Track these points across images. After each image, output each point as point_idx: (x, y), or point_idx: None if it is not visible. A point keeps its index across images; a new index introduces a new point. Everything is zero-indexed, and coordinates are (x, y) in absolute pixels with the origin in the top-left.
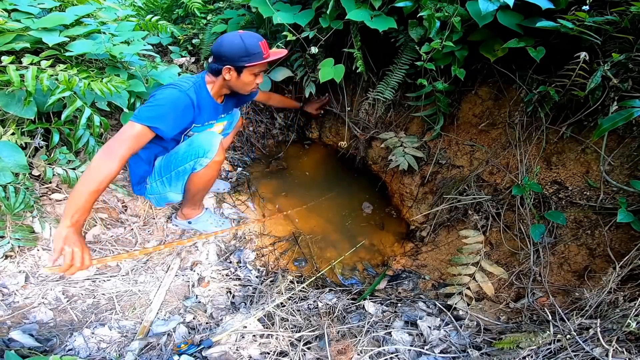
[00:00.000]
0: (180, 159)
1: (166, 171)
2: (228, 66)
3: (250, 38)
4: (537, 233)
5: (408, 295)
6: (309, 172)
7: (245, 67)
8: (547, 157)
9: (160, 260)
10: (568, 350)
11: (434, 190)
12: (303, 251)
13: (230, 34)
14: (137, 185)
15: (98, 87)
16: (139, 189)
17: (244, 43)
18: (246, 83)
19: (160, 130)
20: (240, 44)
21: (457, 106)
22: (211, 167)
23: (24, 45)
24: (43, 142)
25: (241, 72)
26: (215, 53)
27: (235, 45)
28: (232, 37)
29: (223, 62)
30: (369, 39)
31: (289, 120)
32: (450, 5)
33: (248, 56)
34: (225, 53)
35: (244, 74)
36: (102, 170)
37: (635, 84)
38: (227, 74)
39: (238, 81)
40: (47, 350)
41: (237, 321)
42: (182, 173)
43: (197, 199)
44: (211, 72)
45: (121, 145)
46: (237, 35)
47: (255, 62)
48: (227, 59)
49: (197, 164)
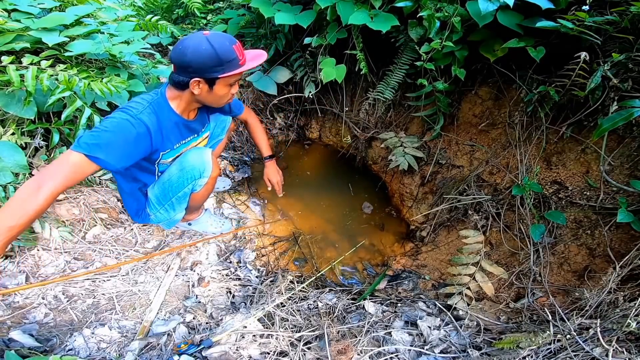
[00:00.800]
0: (176, 185)
1: (165, 199)
2: (197, 78)
3: (222, 42)
4: (537, 233)
5: (408, 295)
6: (310, 172)
7: (219, 79)
8: (547, 157)
9: (160, 260)
10: (568, 350)
11: (434, 190)
12: (303, 251)
13: (194, 37)
14: (136, 216)
15: (98, 87)
16: (141, 219)
17: (215, 49)
18: (220, 96)
19: (101, 161)
20: (209, 50)
21: (457, 106)
22: (209, 183)
23: (24, 45)
24: (43, 142)
25: (213, 84)
26: (177, 62)
27: (203, 53)
28: (197, 41)
29: (189, 74)
30: (369, 39)
31: (289, 120)
32: (450, 5)
33: (221, 65)
34: (191, 63)
35: (217, 86)
36: (25, 206)
37: (635, 84)
38: (196, 88)
39: (210, 95)
40: (47, 350)
41: (237, 321)
42: (183, 197)
43: (197, 207)
44: (174, 85)
45: (53, 177)
46: (203, 39)
47: (231, 71)
48: (194, 69)
49: (196, 185)
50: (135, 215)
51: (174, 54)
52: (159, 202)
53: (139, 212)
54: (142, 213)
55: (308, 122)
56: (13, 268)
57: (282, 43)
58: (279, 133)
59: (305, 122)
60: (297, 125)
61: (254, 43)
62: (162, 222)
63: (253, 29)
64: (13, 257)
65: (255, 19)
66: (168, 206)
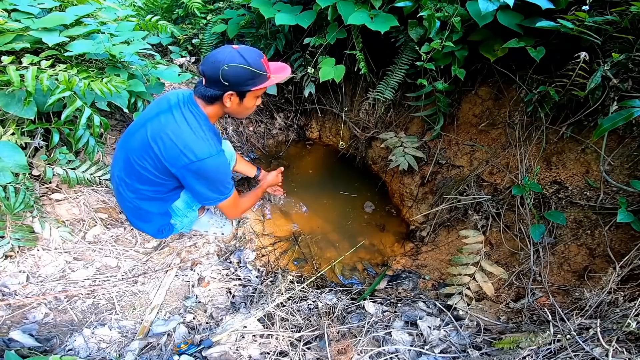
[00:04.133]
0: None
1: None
2: (230, 92)
3: (253, 56)
4: (537, 233)
5: (408, 295)
6: (310, 171)
7: (250, 91)
8: (547, 157)
9: (161, 260)
10: (568, 350)
11: (434, 190)
12: (303, 251)
13: (225, 50)
14: (158, 233)
15: (98, 87)
16: (164, 234)
17: (249, 63)
18: (248, 108)
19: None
20: (244, 64)
21: (457, 106)
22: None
23: (24, 45)
24: (43, 142)
25: (244, 97)
26: (212, 76)
27: (239, 67)
28: (231, 56)
29: (223, 87)
30: (369, 39)
31: (289, 120)
32: (450, 5)
33: (253, 79)
34: (227, 77)
35: (247, 99)
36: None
37: (635, 84)
38: (228, 101)
39: (239, 107)
40: (47, 350)
41: (237, 321)
42: None
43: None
44: (204, 98)
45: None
46: (236, 53)
47: (261, 84)
48: (230, 83)
49: None
50: (158, 232)
51: (208, 68)
52: (188, 205)
53: (162, 228)
54: (165, 227)
55: (308, 122)
56: (13, 268)
57: (282, 43)
58: (279, 133)
59: (305, 122)
60: (297, 125)
61: (254, 43)
62: (184, 228)
63: (253, 29)
64: (13, 257)
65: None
66: (195, 206)
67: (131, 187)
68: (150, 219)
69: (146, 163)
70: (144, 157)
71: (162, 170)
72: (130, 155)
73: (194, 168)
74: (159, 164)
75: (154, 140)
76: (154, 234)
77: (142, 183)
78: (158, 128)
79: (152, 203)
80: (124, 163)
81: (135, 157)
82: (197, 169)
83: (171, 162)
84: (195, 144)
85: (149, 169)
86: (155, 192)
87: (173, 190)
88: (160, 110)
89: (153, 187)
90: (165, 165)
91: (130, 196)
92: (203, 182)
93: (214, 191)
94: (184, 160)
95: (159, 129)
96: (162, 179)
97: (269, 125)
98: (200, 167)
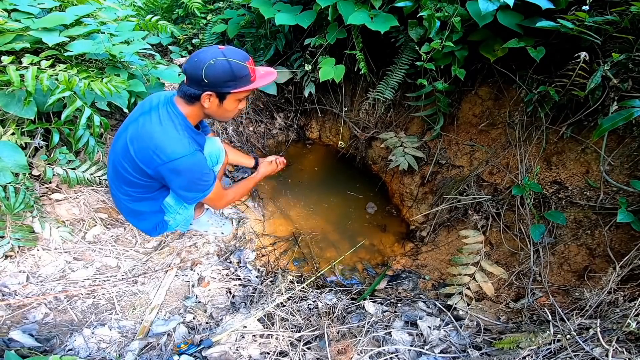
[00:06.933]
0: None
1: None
2: (209, 92)
3: (236, 57)
4: (537, 233)
5: (408, 295)
6: (310, 171)
7: (230, 94)
8: (547, 157)
9: (160, 260)
10: (568, 350)
11: (434, 190)
12: (303, 251)
13: (209, 50)
14: (154, 231)
15: (98, 87)
16: (158, 232)
17: (230, 64)
18: (228, 110)
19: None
20: (224, 65)
21: (457, 106)
22: (221, 170)
23: (24, 45)
24: (43, 142)
25: (224, 99)
26: (191, 75)
27: (218, 67)
28: (213, 55)
29: (202, 87)
30: (369, 39)
31: (289, 120)
32: (450, 5)
33: (234, 80)
34: (205, 76)
35: (227, 101)
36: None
37: (635, 84)
38: (207, 102)
39: (219, 109)
40: (47, 350)
41: (237, 321)
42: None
43: (199, 205)
44: (185, 97)
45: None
46: (219, 53)
47: (242, 87)
48: (207, 83)
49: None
50: (154, 230)
51: (189, 66)
52: (178, 201)
53: (157, 225)
54: (160, 224)
55: (308, 122)
56: (13, 268)
57: (282, 43)
58: (279, 133)
59: (305, 122)
60: (297, 125)
61: (254, 43)
62: (179, 226)
63: (253, 29)
64: (13, 257)
65: (255, 19)
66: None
67: (120, 189)
68: (145, 218)
69: (127, 165)
70: (125, 160)
71: (140, 172)
72: (115, 159)
73: (169, 168)
74: (136, 166)
75: (131, 142)
76: (151, 231)
77: (128, 185)
78: (135, 130)
79: (142, 203)
80: (112, 166)
81: (119, 160)
82: (171, 169)
83: (145, 163)
84: (167, 144)
85: (129, 171)
86: (142, 192)
87: (159, 189)
88: (142, 112)
89: (138, 189)
90: (142, 167)
91: (122, 198)
92: (179, 181)
93: (191, 190)
94: (157, 161)
95: (136, 131)
96: (143, 181)
97: (269, 125)
98: (174, 167)
